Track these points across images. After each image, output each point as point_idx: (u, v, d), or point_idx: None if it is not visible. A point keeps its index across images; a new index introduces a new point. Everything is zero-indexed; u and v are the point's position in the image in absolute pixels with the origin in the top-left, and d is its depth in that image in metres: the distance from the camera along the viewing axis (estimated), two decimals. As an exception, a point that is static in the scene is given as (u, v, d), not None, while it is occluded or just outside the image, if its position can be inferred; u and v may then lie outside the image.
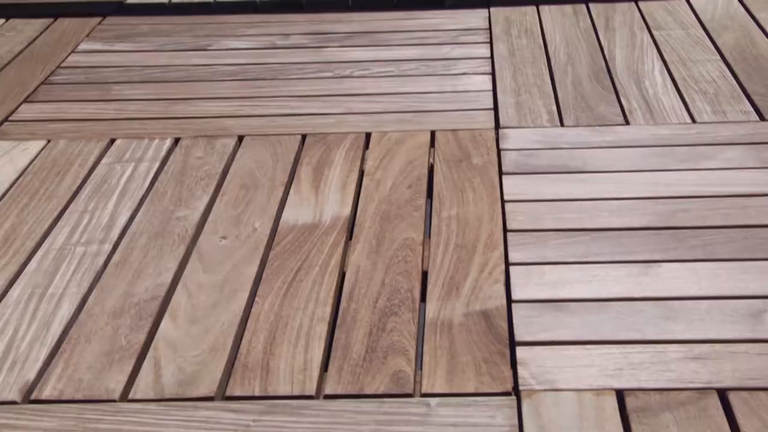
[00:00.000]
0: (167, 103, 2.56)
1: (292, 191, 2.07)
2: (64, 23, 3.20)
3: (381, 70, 2.70)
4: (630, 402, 1.42)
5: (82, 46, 3.00)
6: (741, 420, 1.37)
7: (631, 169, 2.09)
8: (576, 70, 2.63)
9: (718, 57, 2.66)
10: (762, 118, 2.28)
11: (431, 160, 2.17)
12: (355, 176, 2.11)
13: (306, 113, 2.44)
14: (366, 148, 2.24)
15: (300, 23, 3.12)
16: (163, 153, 2.26)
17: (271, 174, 2.14)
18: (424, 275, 1.76)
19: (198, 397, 1.48)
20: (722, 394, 1.42)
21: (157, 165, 2.21)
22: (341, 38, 2.98)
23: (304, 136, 2.31)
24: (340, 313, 1.66)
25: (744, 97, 2.40)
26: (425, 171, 2.12)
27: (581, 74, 2.60)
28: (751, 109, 2.33)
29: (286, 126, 2.37)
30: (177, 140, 2.33)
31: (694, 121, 2.29)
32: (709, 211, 1.90)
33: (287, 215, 1.97)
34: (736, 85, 2.47)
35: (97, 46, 3.01)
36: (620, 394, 1.43)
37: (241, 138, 2.32)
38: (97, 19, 3.23)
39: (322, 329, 1.62)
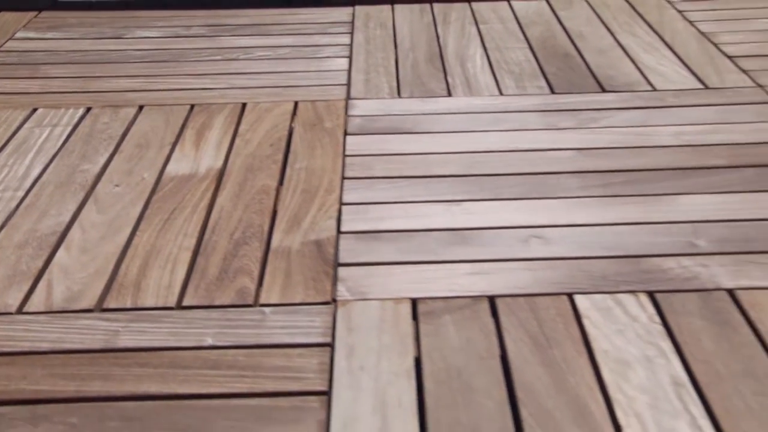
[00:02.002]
0: (84, 80, 2.50)
1: (177, 149, 2.04)
2: (5, 16, 3.09)
3: (261, 54, 2.68)
4: (421, 308, 1.45)
5: (19, 35, 2.91)
6: (503, 318, 1.41)
7: (448, 130, 2.12)
8: (415, 55, 2.65)
9: (526, 45, 2.70)
10: (553, 91, 2.33)
11: (292, 125, 2.17)
12: (229, 137, 2.10)
13: (196, 88, 2.41)
14: (241, 116, 2.23)
15: (200, 17, 3.07)
16: (75, 119, 2.21)
17: (162, 136, 2.11)
18: (275, 213, 1.77)
19: (79, 309, 1.46)
20: (491, 299, 1.46)
21: (69, 129, 2.16)
22: (233, 29, 2.94)
23: (192, 106, 2.28)
24: (203, 243, 1.66)
25: (541, 75, 2.44)
26: (286, 133, 2.12)
27: (419, 58, 2.62)
28: (546, 84, 2.38)
29: (179, 98, 2.34)
30: (88, 109, 2.28)
31: (501, 93, 2.33)
32: (503, 162, 1.94)
33: (170, 168, 1.95)
34: (537, 66, 2.51)
35: (31, 34, 2.92)
36: (414, 302, 1.46)
37: (141, 107, 2.28)
38: (33, 13, 3.13)
39: (187, 256, 1.61)
